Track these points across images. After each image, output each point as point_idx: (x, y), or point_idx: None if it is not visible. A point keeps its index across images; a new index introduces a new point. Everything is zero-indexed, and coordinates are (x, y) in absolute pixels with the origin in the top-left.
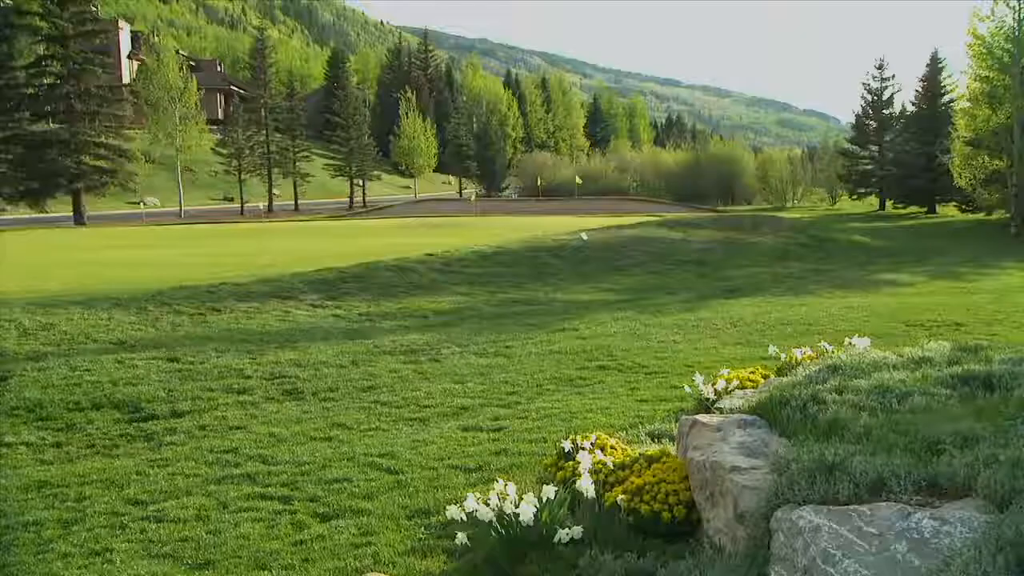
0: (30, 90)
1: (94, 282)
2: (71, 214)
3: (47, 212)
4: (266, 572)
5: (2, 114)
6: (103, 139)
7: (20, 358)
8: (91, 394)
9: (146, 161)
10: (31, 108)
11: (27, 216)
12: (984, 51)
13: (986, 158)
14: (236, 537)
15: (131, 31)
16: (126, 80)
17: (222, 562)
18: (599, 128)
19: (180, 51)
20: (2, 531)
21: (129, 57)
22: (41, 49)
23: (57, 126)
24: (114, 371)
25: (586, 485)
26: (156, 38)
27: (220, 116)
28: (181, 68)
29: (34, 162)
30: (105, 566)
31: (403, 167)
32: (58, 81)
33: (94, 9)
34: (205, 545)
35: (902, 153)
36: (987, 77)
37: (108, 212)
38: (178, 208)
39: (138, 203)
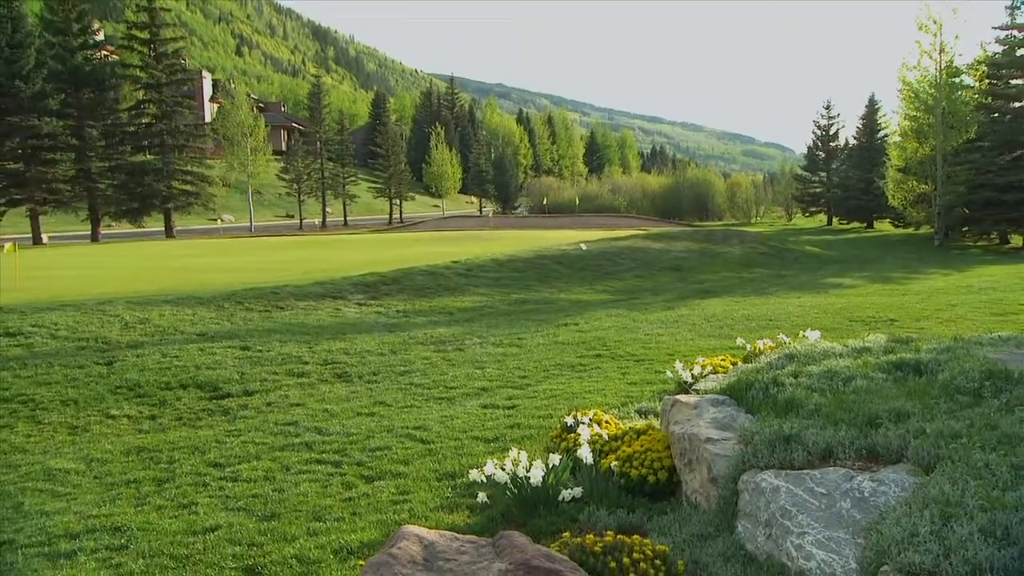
0: (131, 128)
1: (181, 284)
2: (163, 229)
3: (143, 227)
4: (321, 523)
5: (109, 148)
6: (189, 167)
7: (122, 346)
8: (179, 376)
9: (223, 185)
10: (132, 142)
11: (128, 230)
12: (912, 95)
13: (914, 183)
14: (297, 494)
15: (212, 79)
16: (208, 119)
17: (286, 514)
18: (595, 157)
19: (251, 95)
20: (109, 487)
21: (210, 100)
22: (140, 95)
23: (152, 157)
24: (197, 357)
25: (585, 453)
26: (232, 85)
27: (283, 148)
28: (252, 109)
29: (134, 186)
30: (191, 517)
31: (433, 189)
32: (154, 120)
33: (183, 62)
34: (272, 500)
35: (846, 178)
36: (915, 116)
37: (192, 227)
38: (249, 223)
39: (216, 219)
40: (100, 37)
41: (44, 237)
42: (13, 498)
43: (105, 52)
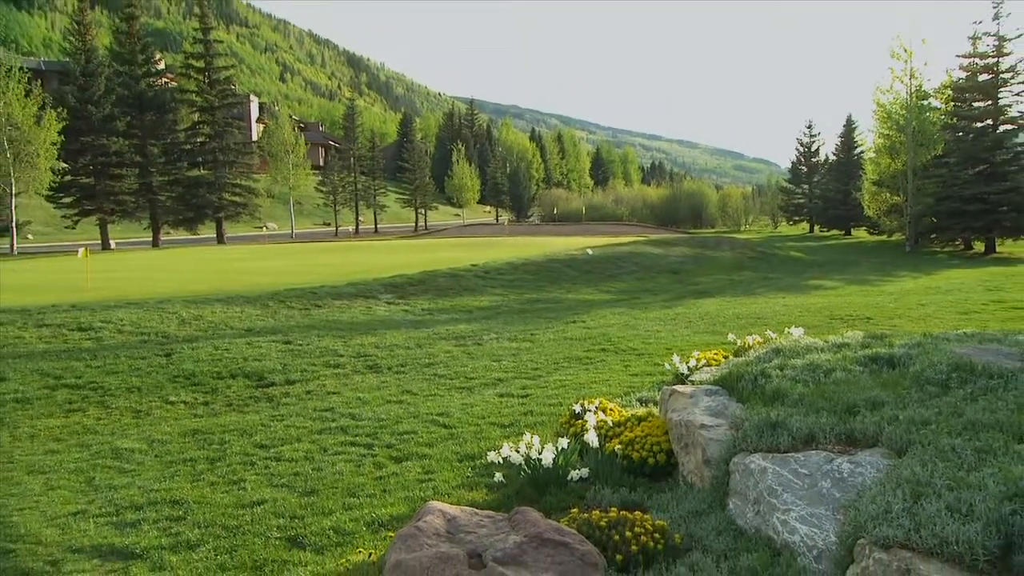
0: (188, 146)
1: (231, 285)
2: (215, 235)
3: (198, 234)
4: (355, 499)
5: (168, 164)
6: (238, 181)
7: (180, 340)
8: (229, 367)
9: (268, 196)
10: (188, 159)
11: (184, 237)
12: (885, 115)
13: (887, 195)
14: (333, 473)
15: (258, 102)
16: (254, 138)
17: (323, 491)
18: (600, 171)
19: (293, 116)
20: (168, 464)
21: (257, 121)
22: (196, 117)
23: (206, 172)
24: (245, 350)
25: (591, 438)
26: (276, 107)
27: (321, 163)
28: (293, 129)
29: (189, 198)
30: (240, 492)
31: (454, 200)
32: (207, 139)
33: (233, 87)
34: (311, 478)
35: (826, 190)
36: (887, 135)
37: (241, 234)
38: (290, 231)
39: (262, 227)
40: (161, 66)
41: (111, 243)
42: (86, 473)
43: (165, 79)
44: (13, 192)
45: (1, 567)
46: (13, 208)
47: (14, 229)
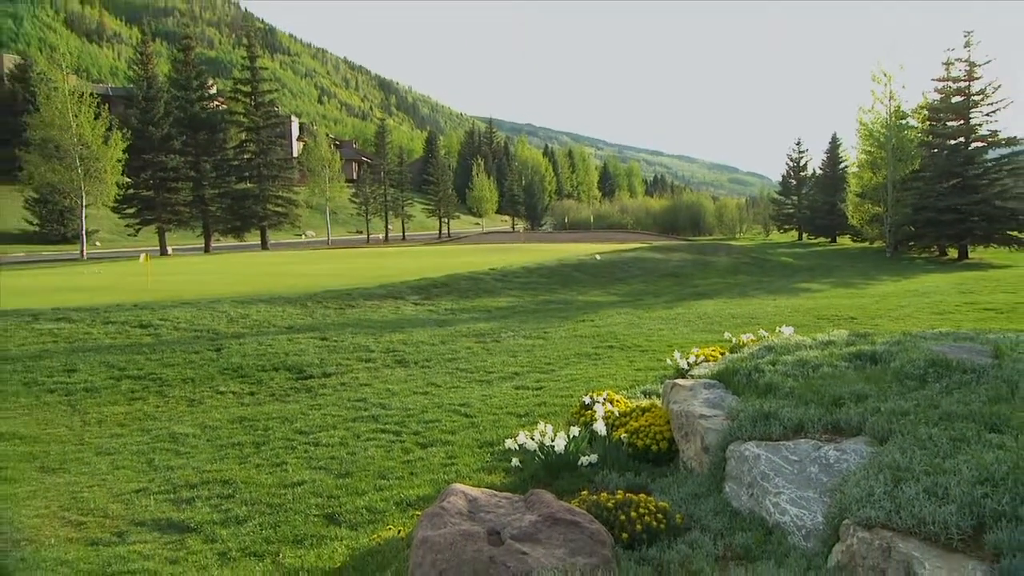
0: (236, 162)
1: (274, 287)
2: (260, 242)
3: (244, 241)
4: (385, 481)
5: (218, 178)
6: (280, 193)
7: (228, 336)
8: (272, 360)
9: (307, 207)
10: (235, 174)
11: (232, 244)
12: (867, 133)
13: (869, 205)
14: (365, 457)
15: (299, 122)
16: (295, 154)
17: (357, 473)
18: (608, 183)
19: (329, 135)
20: (219, 448)
21: (297, 139)
22: (243, 136)
23: (252, 185)
24: (286, 345)
25: (600, 427)
26: (314, 127)
27: (354, 177)
28: (330, 146)
29: (237, 209)
30: (282, 473)
31: (475, 210)
32: (253, 156)
33: (276, 109)
34: (345, 462)
35: (813, 201)
36: (869, 151)
37: (282, 241)
38: (327, 238)
39: (301, 234)
40: (213, 91)
41: (169, 249)
42: (146, 455)
43: (217, 102)
44: (83, 204)
45: (74, 537)
46: (83, 218)
47: (84, 236)
